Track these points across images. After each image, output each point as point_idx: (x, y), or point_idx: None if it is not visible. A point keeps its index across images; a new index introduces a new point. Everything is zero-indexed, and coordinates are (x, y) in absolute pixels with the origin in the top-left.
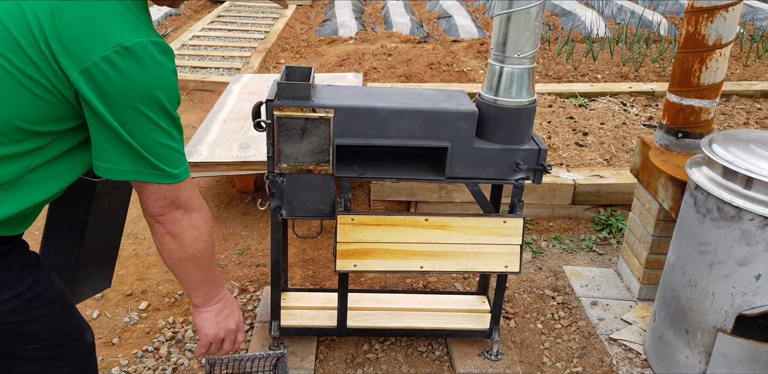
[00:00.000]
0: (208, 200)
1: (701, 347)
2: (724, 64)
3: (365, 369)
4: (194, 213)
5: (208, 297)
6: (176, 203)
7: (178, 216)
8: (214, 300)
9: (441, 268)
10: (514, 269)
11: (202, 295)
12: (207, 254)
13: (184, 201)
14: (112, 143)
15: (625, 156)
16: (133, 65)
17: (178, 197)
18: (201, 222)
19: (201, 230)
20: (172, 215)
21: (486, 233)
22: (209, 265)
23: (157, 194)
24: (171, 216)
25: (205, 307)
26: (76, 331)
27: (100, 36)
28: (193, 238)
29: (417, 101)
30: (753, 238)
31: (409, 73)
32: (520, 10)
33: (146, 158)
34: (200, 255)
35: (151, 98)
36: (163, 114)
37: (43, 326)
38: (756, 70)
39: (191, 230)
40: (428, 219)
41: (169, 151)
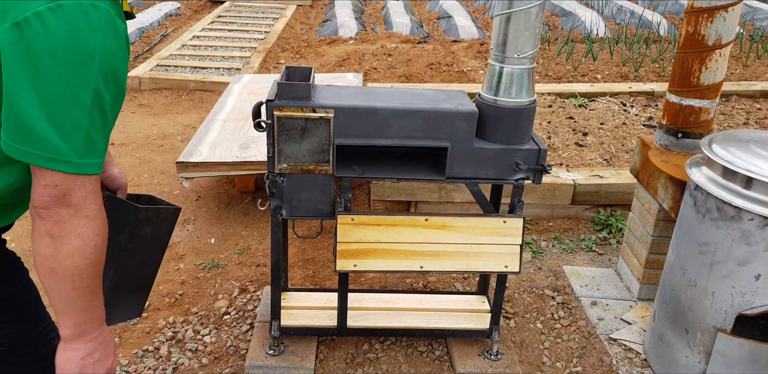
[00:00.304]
0: (209, 200)
1: (701, 347)
2: (724, 64)
3: (365, 369)
4: (85, 220)
5: (80, 331)
6: (66, 199)
7: (63, 215)
8: (87, 337)
9: (441, 268)
10: (514, 269)
11: (73, 326)
12: (87, 274)
13: (77, 200)
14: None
15: (624, 156)
16: (65, 26)
17: (70, 192)
18: (90, 233)
19: (87, 243)
20: (57, 213)
21: (486, 233)
22: (89, 290)
23: (48, 179)
24: (55, 213)
25: (73, 343)
26: (41, 341)
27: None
28: (74, 248)
29: (417, 101)
30: (753, 238)
31: (409, 73)
32: (519, 10)
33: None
34: (78, 272)
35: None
36: (91, 90)
37: (6, 330)
38: (756, 71)
39: (75, 238)
40: (428, 219)
41: (83, 136)
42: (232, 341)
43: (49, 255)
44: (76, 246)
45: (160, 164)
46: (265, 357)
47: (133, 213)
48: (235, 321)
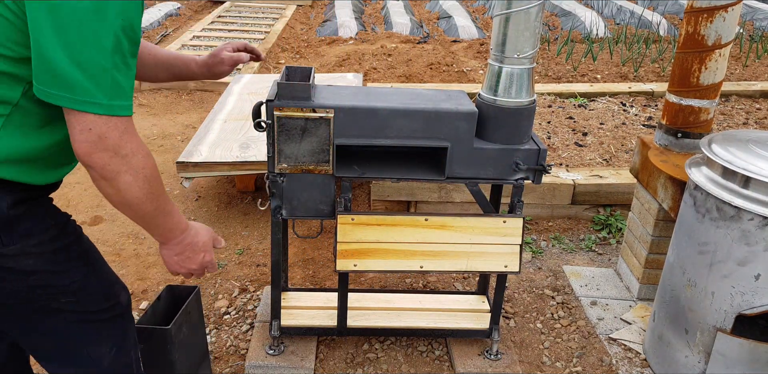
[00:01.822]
0: (209, 200)
1: (701, 347)
2: (724, 64)
3: (365, 369)
4: (126, 158)
5: (165, 238)
6: (103, 143)
7: (105, 159)
8: (173, 242)
9: (441, 268)
10: (513, 269)
11: (158, 236)
12: (149, 199)
13: (113, 142)
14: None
15: (624, 156)
16: None
17: (105, 135)
18: (136, 167)
19: (136, 177)
20: (100, 158)
21: (486, 233)
22: (156, 210)
23: (82, 124)
24: (99, 158)
25: (164, 246)
26: (109, 289)
27: None
28: (127, 184)
29: (417, 101)
30: (752, 238)
31: (409, 73)
32: (519, 10)
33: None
34: (139, 202)
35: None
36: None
37: (72, 279)
38: (755, 71)
39: (124, 175)
40: (428, 219)
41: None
42: (232, 341)
43: (111, 194)
44: (128, 182)
45: (161, 164)
46: (265, 357)
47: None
48: (235, 321)
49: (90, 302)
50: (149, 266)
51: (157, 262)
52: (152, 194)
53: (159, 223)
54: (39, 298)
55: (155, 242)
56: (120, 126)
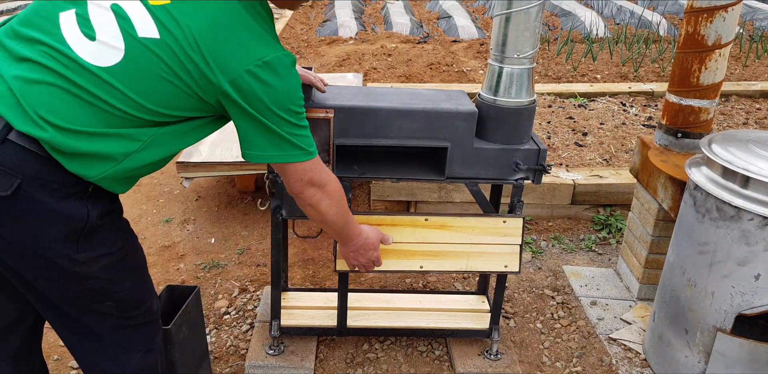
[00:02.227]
0: (209, 200)
1: (701, 347)
2: (724, 64)
3: (365, 369)
4: (325, 188)
5: (346, 241)
6: (311, 182)
7: (313, 192)
8: (350, 244)
9: (441, 268)
10: (513, 269)
11: (341, 239)
12: (340, 216)
13: (317, 179)
14: (261, 135)
15: (624, 156)
16: (273, 76)
17: (312, 178)
18: (332, 194)
19: (332, 200)
20: (309, 192)
21: (486, 233)
22: (343, 223)
23: (297, 175)
24: (308, 193)
25: (344, 245)
26: (146, 297)
27: (244, 53)
28: (327, 207)
29: (417, 101)
30: (752, 238)
31: (409, 73)
32: (519, 10)
33: (291, 141)
34: (334, 219)
35: (285, 102)
36: (293, 113)
37: (122, 286)
38: (755, 71)
39: (325, 201)
40: (428, 219)
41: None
42: (232, 341)
43: (315, 216)
44: (328, 205)
45: None
46: (265, 357)
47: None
48: (235, 321)
49: (129, 308)
50: (149, 266)
51: (157, 262)
52: (342, 210)
53: (345, 232)
54: (88, 301)
55: (155, 243)
56: (318, 165)
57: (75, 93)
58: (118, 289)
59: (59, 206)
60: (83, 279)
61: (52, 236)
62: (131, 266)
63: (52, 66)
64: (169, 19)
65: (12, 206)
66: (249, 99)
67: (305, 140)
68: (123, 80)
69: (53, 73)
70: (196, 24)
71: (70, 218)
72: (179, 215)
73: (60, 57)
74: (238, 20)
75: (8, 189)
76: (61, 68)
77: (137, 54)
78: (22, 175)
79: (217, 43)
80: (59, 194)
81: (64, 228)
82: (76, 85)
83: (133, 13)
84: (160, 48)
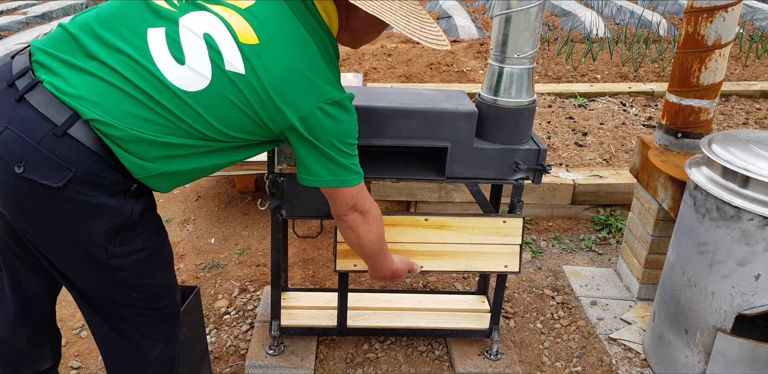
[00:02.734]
0: (209, 200)
1: (701, 347)
2: (724, 64)
3: (365, 369)
4: (367, 214)
5: (373, 270)
6: (355, 207)
7: (356, 217)
8: (379, 273)
9: (441, 268)
10: (513, 269)
11: (370, 268)
12: (377, 242)
13: (361, 206)
14: (320, 163)
15: (624, 156)
16: (340, 113)
17: (357, 203)
18: (372, 219)
19: (372, 225)
20: (353, 216)
21: (486, 233)
22: (379, 251)
23: (345, 199)
24: (351, 217)
25: (371, 269)
26: (172, 290)
27: (314, 93)
28: (367, 232)
29: (417, 101)
30: (752, 238)
31: (409, 73)
32: (519, 10)
33: (348, 167)
34: (371, 244)
35: (345, 136)
36: (349, 145)
37: (151, 279)
38: (755, 71)
39: (366, 226)
40: (428, 219)
41: (355, 164)
42: (232, 341)
43: (353, 239)
44: (369, 231)
45: None
46: (265, 357)
47: None
48: (235, 321)
49: (156, 300)
50: None
51: None
52: (380, 237)
53: (378, 260)
54: (118, 291)
55: None
56: (363, 192)
57: (147, 105)
58: (147, 281)
59: (106, 201)
60: (116, 271)
61: (94, 228)
62: (161, 260)
63: (129, 77)
64: (256, 59)
65: (61, 197)
66: (315, 133)
67: (357, 166)
68: (204, 105)
69: (128, 83)
70: (278, 67)
71: (115, 213)
72: (179, 215)
73: (142, 71)
74: (314, 66)
75: (60, 181)
76: (140, 81)
77: (222, 84)
78: (76, 169)
79: (293, 85)
80: (107, 191)
81: (107, 222)
82: (153, 99)
83: (225, 47)
84: (243, 83)
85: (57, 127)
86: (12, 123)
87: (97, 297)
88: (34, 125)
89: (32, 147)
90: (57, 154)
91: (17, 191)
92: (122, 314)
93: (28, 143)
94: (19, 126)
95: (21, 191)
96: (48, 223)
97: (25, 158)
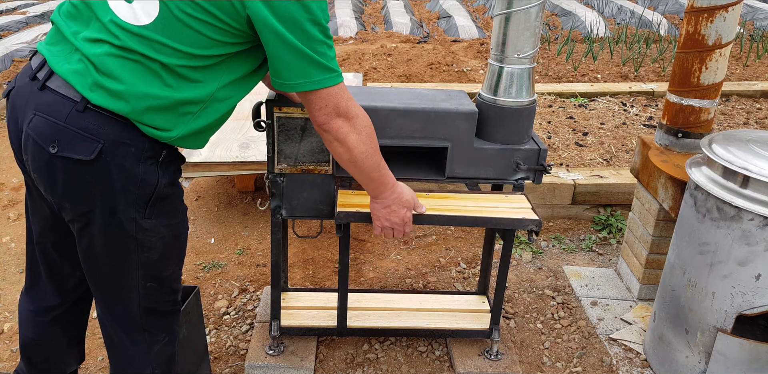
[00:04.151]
0: (208, 200)
1: (701, 347)
2: (724, 64)
3: (365, 369)
4: (353, 119)
5: (376, 192)
6: (337, 111)
7: (340, 124)
8: (382, 195)
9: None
10: (532, 216)
11: (372, 189)
12: (370, 154)
13: (344, 109)
14: (289, 57)
15: (625, 156)
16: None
17: (338, 105)
18: (360, 127)
19: (361, 134)
20: (336, 123)
21: (491, 201)
22: (374, 165)
23: (322, 101)
24: (335, 124)
25: (374, 199)
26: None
27: None
28: (356, 142)
29: (417, 100)
30: (753, 238)
31: (409, 73)
32: (519, 10)
33: (320, 62)
34: (364, 157)
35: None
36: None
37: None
38: (756, 70)
39: (353, 135)
40: (429, 194)
41: (331, 57)
42: (231, 341)
43: (342, 152)
44: (357, 140)
45: None
46: (265, 357)
47: None
48: (234, 321)
49: (164, 293)
50: None
51: None
52: (373, 148)
53: (375, 177)
54: (135, 276)
55: None
56: (344, 94)
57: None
58: (163, 269)
59: (135, 169)
60: (141, 249)
61: (125, 198)
62: (182, 246)
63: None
64: None
65: (94, 168)
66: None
67: (333, 63)
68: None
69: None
70: None
71: (143, 181)
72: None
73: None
74: None
75: (92, 154)
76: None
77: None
78: (104, 140)
79: None
80: (136, 157)
81: (136, 191)
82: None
83: None
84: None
85: (77, 103)
86: (39, 109)
87: (113, 282)
88: (58, 107)
89: (61, 126)
90: (84, 128)
91: (56, 171)
92: (130, 303)
93: (55, 123)
94: (45, 110)
95: (60, 171)
96: (85, 197)
97: (57, 137)
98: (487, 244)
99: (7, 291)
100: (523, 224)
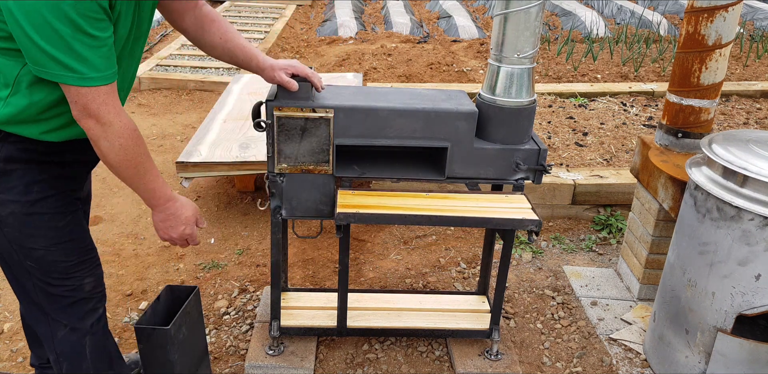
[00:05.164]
0: (208, 200)
1: (701, 347)
2: (724, 64)
3: (365, 369)
4: (105, 126)
5: (149, 204)
6: (87, 112)
7: (90, 125)
8: (158, 208)
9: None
10: (532, 217)
11: (144, 200)
12: (125, 168)
13: (95, 111)
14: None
15: (625, 156)
16: None
17: (87, 106)
18: (113, 136)
19: (112, 143)
20: (86, 123)
21: (491, 201)
22: (136, 177)
23: (72, 97)
24: (85, 123)
25: (153, 210)
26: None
27: None
28: (107, 148)
29: (417, 100)
30: (753, 238)
31: (409, 73)
32: (519, 10)
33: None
34: (118, 166)
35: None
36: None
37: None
38: (756, 70)
39: (102, 141)
40: (429, 194)
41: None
42: (231, 341)
43: (99, 154)
44: (106, 147)
45: (160, 163)
46: (265, 357)
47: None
48: (234, 321)
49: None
50: (149, 266)
51: (156, 262)
52: (129, 161)
53: (141, 187)
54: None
55: (154, 243)
56: (98, 97)
57: None
58: (32, 246)
59: None
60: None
61: None
62: (47, 226)
63: None
64: None
65: None
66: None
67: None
68: None
69: None
70: None
71: None
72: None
73: None
74: None
75: None
76: None
77: None
78: None
79: None
80: None
81: None
82: None
83: None
84: None
85: None
86: None
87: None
88: None
89: None
90: None
91: None
92: (24, 281)
93: None
94: None
95: None
96: None
97: None
98: (487, 244)
99: (8, 290)
100: (523, 225)
